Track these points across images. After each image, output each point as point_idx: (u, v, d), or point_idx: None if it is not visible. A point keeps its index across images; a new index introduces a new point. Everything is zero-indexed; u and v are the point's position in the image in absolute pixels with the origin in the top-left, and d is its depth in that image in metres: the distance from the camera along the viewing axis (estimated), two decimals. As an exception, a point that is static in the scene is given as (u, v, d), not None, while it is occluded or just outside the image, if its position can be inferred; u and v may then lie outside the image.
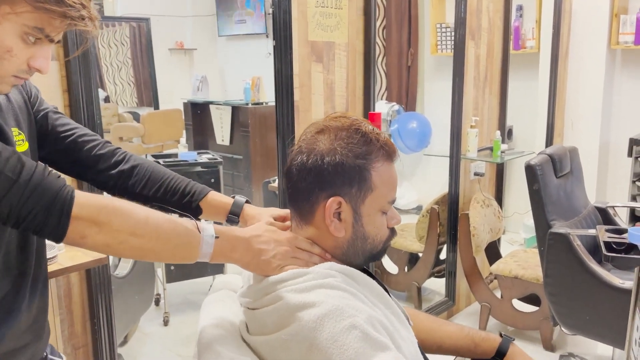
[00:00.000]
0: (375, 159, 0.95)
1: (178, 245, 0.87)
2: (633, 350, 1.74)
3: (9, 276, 0.94)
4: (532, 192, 2.33)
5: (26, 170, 0.79)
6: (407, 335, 0.97)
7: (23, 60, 0.85)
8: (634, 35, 3.59)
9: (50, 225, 0.79)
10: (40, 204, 0.79)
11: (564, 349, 2.76)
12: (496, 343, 1.17)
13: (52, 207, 0.79)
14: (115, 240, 0.83)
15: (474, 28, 2.97)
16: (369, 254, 0.99)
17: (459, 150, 2.93)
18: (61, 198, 0.80)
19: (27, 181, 0.79)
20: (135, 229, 0.83)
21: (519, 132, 4.08)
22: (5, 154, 0.79)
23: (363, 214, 0.95)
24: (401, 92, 4.66)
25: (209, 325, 0.97)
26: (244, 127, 4.57)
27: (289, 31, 1.97)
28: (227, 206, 1.13)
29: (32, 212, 0.78)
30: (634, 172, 3.36)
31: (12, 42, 0.82)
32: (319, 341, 0.81)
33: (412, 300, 3.11)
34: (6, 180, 0.77)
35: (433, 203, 3.04)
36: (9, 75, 0.85)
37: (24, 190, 0.78)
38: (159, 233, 0.85)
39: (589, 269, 2.12)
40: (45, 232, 0.80)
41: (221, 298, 1.07)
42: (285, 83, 2.00)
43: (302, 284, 0.88)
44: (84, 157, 1.10)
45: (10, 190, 0.78)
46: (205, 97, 5.23)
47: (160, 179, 1.13)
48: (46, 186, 0.80)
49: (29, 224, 0.79)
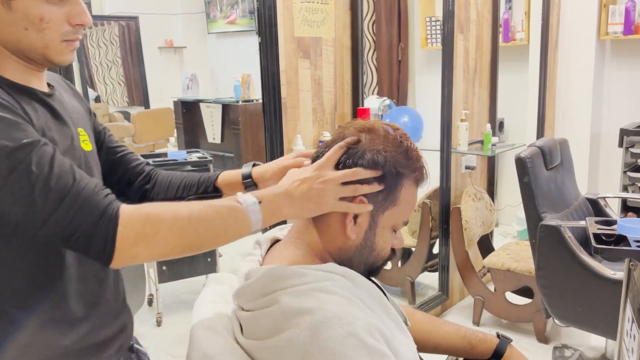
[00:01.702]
0: (410, 176, 0.95)
1: (228, 226, 0.86)
2: (625, 341, 1.74)
3: (93, 268, 0.96)
4: (522, 185, 2.33)
5: (76, 187, 0.78)
6: (405, 340, 0.95)
7: (61, 22, 0.86)
8: (623, 25, 3.59)
9: (95, 250, 0.78)
10: (84, 225, 0.77)
11: (557, 340, 2.77)
12: (493, 344, 1.16)
13: (96, 230, 0.77)
14: (167, 248, 0.82)
15: (462, 21, 2.96)
16: (369, 267, 0.99)
17: (450, 144, 2.92)
18: (105, 219, 0.78)
19: (75, 200, 0.78)
20: (182, 230, 0.82)
21: (510, 124, 4.08)
22: (58, 170, 0.78)
23: (379, 224, 0.95)
24: (392, 87, 4.65)
25: (201, 328, 0.95)
26: (235, 125, 4.55)
27: (274, 27, 1.95)
28: (239, 176, 1.15)
29: (77, 234, 0.77)
30: (624, 162, 3.36)
31: (39, 9, 0.83)
32: (315, 349, 0.79)
33: (406, 295, 3.11)
34: (55, 198, 0.77)
35: (425, 197, 3.03)
36: (59, 42, 0.87)
37: (68, 210, 0.77)
38: (206, 224, 0.84)
39: (580, 260, 2.12)
40: (92, 256, 0.79)
41: (214, 299, 1.04)
42: (271, 80, 1.99)
43: (299, 287, 0.86)
44: (129, 173, 1.16)
45: (56, 210, 0.76)
46: (196, 95, 5.20)
47: (178, 182, 1.18)
48: (93, 204, 0.78)
49: (74, 245, 0.78)
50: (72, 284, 0.92)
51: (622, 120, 3.63)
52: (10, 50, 0.87)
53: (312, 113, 2.21)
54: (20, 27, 0.84)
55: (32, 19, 0.83)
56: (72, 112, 0.98)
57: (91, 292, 0.96)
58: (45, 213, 0.76)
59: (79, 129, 0.98)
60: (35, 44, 0.86)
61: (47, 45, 0.86)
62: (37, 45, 0.86)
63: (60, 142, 0.89)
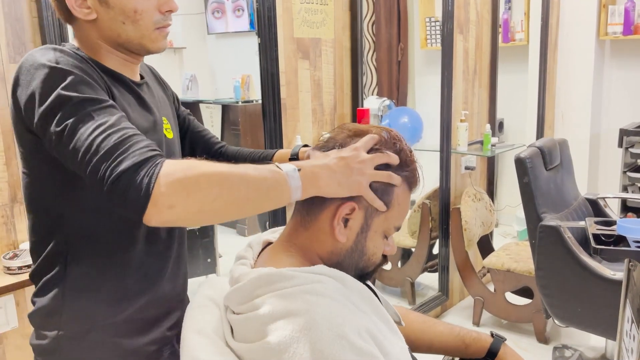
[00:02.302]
0: (403, 179, 0.95)
1: (270, 187, 0.84)
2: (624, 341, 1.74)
3: (154, 254, 1.05)
4: (522, 185, 2.33)
5: (129, 136, 0.82)
6: (396, 342, 0.95)
7: (152, 11, 0.96)
8: (623, 25, 3.60)
9: (134, 193, 0.76)
10: (128, 166, 0.78)
11: (557, 341, 2.77)
12: (487, 344, 1.16)
13: (139, 171, 0.77)
14: (206, 200, 0.78)
15: (462, 21, 2.96)
16: (360, 271, 0.98)
17: (449, 145, 2.92)
18: (148, 164, 0.78)
19: (125, 146, 0.80)
20: (223, 183, 0.80)
21: (509, 125, 4.08)
22: (117, 123, 0.83)
23: (371, 228, 0.94)
24: (392, 87, 4.65)
25: (192, 332, 0.95)
26: (235, 126, 4.55)
27: (273, 28, 1.95)
28: (288, 154, 1.21)
29: (120, 176, 0.77)
30: (624, 162, 3.36)
31: (132, 2, 0.93)
32: (304, 352, 0.79)
33: (406, 295, 3.11)
34: (108, 142, 0.80)
35: (424, 198, 3.03)
36: (152, 30, 0.97)
37: (116, 152, 0.79)
38: (248, 180, 0.82)
39: (580, 261, 2.12)
40: (130, 201, 0.77)
41: (205, 303, 1.04)
42: (271, 81, 1.99)
43: (288, 289, 0.86)
44: (207, 152, 1.26)
45: (106, 151, 0.79)
46: (195, 96, 5.19)
47: (243, 158, 1.26)
48: (141, 152, 0.80)
49: (115, 187, 0.77)
50: (138, 258, 1.01)
51: (621, 121, 3.64)
52: (112, 45, 0.97)
53: (311, 114, 2.21)
54: (118, 22, 0.95)
55: (128, 12, 0.94)
56: (158, 101, 1.09)
57: (153, 269, 1.05)
58: (94, 153, 0.80)
59: (163, 118, 1.09)
60: (133, 35, 0.96)
61: (143, 35, 0.97)
62: (134, 36, 0.96)
63: (140, 124, 0.97)
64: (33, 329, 1.03)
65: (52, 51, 0.90)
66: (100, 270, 0.99)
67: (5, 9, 1.41)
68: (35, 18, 1.46)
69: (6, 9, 1.41)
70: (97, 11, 0.94)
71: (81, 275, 0.98)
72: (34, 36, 1.46)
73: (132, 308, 1.02)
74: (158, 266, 1.07)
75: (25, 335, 1.51)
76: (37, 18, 1.45)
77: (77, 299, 0.98)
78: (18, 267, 1.38)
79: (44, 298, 0.98)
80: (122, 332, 1.01)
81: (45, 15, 1.44)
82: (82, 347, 0.99)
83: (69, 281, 0.98)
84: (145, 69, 1.14)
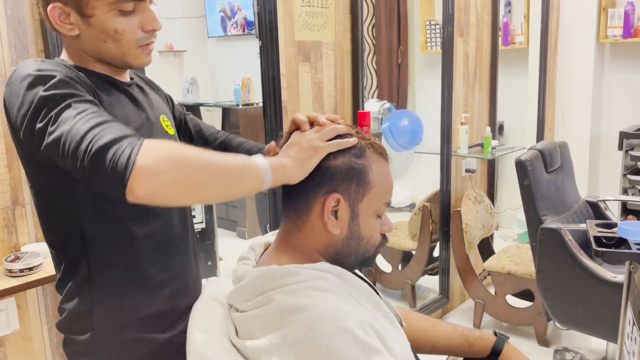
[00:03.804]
0: (371, 157, 0.95)
1: (243, 167, 0.85)
2: (626, 344, 1.74)
3: (178, 254, 1.10)
4: (522, 188, 2.33)
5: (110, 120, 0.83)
6: (398, 338, 0.96)
7: (134, 31, 0.97)
8: (622, 28, 3.60)
9: (117, 167, 0.75)
10: (110, 140, 0.78)
11: (558, 343, 2.77)
12: (491, 342, 1.16)
13: (120, 145, 0.77)
14: (192, 170, 0.78)
15: (462, 24, 2.96)
16: (361, 256, 0.98)
17: (450, 147, 2.93)
18: (130, 139, 0.78)
19: (107, 126, 0.80)
20: (205, 157, 0.81)
21: (510, 127, 4.08)
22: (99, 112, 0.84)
23: (360, 213, 0.95)
24: (392, 90, 4.65)
25: (197, 331, 0.97)
26: (235, 129, 4.55)
27: (274, 31, 1.96)
28: None
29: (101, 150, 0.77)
30: (624, 165, 3.36)
31: (113, 23, 0.94)
32: (309, 346, 0.80)
33: (407, 298, 3.11)
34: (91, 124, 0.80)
35: (425, 201, 3.03)
36: (134, 48, 0.98)
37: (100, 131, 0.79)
38: (227, 159, 0.85)
39: (580, 263, 2.12)
40: (112, 176, 0.75)
41: (210, 303, 1.06)
42: (272, 84, 1.99)
43: (293, 285, 0.87)
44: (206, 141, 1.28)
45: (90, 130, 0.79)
46: (196, 99, 5.20)
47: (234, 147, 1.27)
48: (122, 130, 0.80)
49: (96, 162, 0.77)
50: (144, 254, 1.03)
51: (621, 123, 3.64)
52: (94, 57, 1.00)
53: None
54: (99, 40, 0.96)
55: (109, 32, 0.95)
56: (152, 101, 1.11)
57: (172, 261, 1.09)
58: (75, 134, 0.80)
59: (162, 116, 1.11)
60: (114, 53, 0.98)
61: (125, 53, 0.98)
62: (115, 54, 0.98)
63: (132, 121, 1.00)
64: (63, 335, 1.06)
65: (34, 62, 0.92)
66: (121, 268, 1.02)
67: (8, 12, 1.42)
68: (37, 21, 1.46)
69: (9, 11, 1.42)
70: (79, 28, 0.96)
71: (105, 275, 1.01)
72: (36, 39, 1.47)
73: (158, 299, 1.06)
74: (177, 259, 1.11)
75: (27, 337, 1.51)
76: (39, 21, 1.46)
77: (105, 298, 1.01)
78: (19, 269, 1.38)
79: (72, 302, 1.01)
80: (152, 327, 1.05)
81: (47, 18, 1.44)
82: (116, 345, 1.01)
83: (95, 283, 1.00)
84: (134, 74, 1.16)
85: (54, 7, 0.94)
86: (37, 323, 1.53)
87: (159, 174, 0.75)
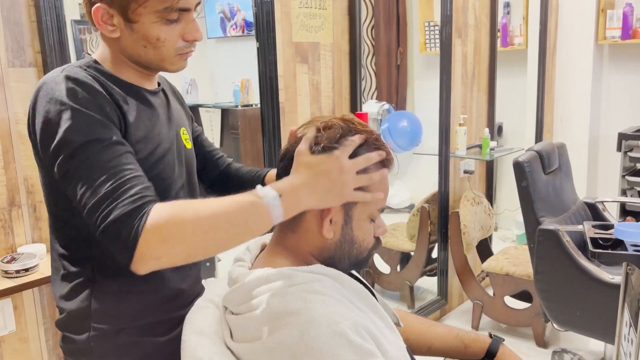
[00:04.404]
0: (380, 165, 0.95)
1: (249, 220, 0.84)
2: (623, 345, 1.74)
3: (188, 265, 1.08)
4: (520, 189, 2.33)
5: (121, 184, 0.84)
6: (394, 340, 0.96)
7: (176, 39, 0.98)
8: (621, 30, 3.60)
9: (120, 243, 0.80)
10: (117, 217, 0.81)
11: (556, 345, 2.77)
12: (486, 344, 1.17)
13: (129, 217, 0.80)
14: (192, 247, 0.82)
15: (460, 26, 2.97)
16: (354, 259, 0.98)
17: (448, 149, 2.93)
18: (138, 212, 0.81)
19: (117, 193, 0.83)
20: (205, 227, 0.81)
21: (508, 129, 4.08)
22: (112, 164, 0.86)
23: (354, 217, 0.95)
24: (391, 91, 4.65)
25: (192, 333, 0.97)
26: (234, 130, 4.55)
27: (272, 32, 1.96)
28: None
29: (109, 224, 0.81)
30: (623, 166, 3.37)
31: (156, 30, 0.95)
32: (303, 349, 0.80)
33: (405, 299, 3.11)
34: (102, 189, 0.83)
35: (423, 202, 3.03)
36: (172, 56, 0.99)
37: (108, 200, 0.82)
38: (229, 218, 0.83)
39: (578, 264, 2.12)
40: (117, 251, 0.81)
41: (205, 305, 1.06)
42: (269, 85, 1.99)
43: (287, 288, 0.87)
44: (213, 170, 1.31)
45: (99, 197, 0.83)
46: (195, 100, 5.19)
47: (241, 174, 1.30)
48: (129, 202, 0.82)
49: (105, 235, 0.82)
50: None
51: (620, 124, 3.64)
52: (131, 60, 1.00)
53: (310, 118, 2.21)
54: (140, 45, 0.97)
55: (150, 39, 0.96)
56: (173, 112, 1.12)
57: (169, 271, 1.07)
58: (90, 197, 0.84)
59: (182, 129, 1.13)
60: (152, 58, 0.99)
61: (163, 59, 0.99)
62: (153, 59, 0.99)
63: (159, 135, 1.02)
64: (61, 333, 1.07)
65: (65, 81, 0.91)
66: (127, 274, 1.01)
67: (4, 13, 1.42)
68: (34, 22, 1.46)
69: (5, 13, 1.42)
70: (121, 30, 0.96)
71: (109, 280, 1.02)
72: (33, 41, 1.47)
73: (161, 310, 1.07)
74: (184, 270, 1.11)
75: (23, 338, 1.51)
76: (36, 22, 1.46)
77: (106, 302, 1.02)
78: (16, 270, 1.38)
79: (72, 302, 1.02)
80: (151, 331, 1.06)
81: (44, 20, 1.44)
82: (113, 347, 1.02)
83: (97, 286, 1.02)
84: (163, 80, 1.17)
85: (98, 7, 0.94)
86: (34, 324, 1.53)
87: (160, 258, 0.80)
